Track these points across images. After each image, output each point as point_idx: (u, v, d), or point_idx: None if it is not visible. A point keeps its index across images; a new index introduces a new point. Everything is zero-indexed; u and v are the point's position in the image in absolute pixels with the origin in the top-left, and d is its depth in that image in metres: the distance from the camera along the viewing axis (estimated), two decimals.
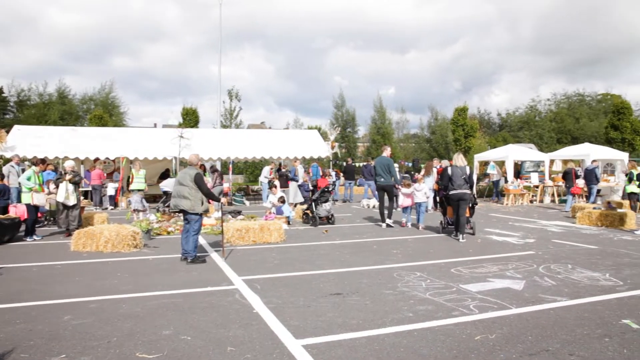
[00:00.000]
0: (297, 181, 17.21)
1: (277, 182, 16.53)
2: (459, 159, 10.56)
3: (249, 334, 4.49)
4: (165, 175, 20.21)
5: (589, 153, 20.49)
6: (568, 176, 17.80)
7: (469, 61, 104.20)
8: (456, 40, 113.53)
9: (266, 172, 19.29)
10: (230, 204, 18.71)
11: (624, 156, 21.34)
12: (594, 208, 13.30)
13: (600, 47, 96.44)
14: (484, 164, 23.67)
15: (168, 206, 11.63)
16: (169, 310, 5.24)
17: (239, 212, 13.70)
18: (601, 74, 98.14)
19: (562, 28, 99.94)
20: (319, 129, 38.23)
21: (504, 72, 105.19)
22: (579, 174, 18.22)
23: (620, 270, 7.21)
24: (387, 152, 12.83)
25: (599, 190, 17.88)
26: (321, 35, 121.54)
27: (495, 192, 21.11)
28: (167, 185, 15.66)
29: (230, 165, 21.99)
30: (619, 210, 12.55)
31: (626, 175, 14.86)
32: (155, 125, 58.06)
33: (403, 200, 12.61)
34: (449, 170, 10.53)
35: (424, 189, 12.44)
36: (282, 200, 13.30)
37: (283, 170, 19.40)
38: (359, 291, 6.03)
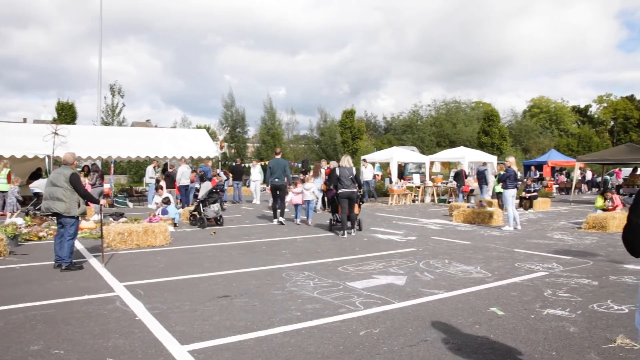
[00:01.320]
0: (209, 179, 16.70)
1: (163, 183, 15.89)
2: (346, 161, 11.31)
3: (131, 343, 4.24)
4: (36, 175, 18.51)
5: (464, 156, 22.20)
6: (459, 176, 19.31)
7: (357, 65, 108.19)
8: (345, 44, 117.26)
9: (151, 172, 18.46)
10: (111, 205, 17.63)
11: (494, 159, 23.40)
12: (468, 207, 14.42)
13: (475, 58, 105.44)
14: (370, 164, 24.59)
15: (39, 209, 10.64)
16: (39, 323, 4.79)
17: (122, 215, 12.95)
18: (475, 83, 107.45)
19: (442, 39, 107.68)
20: (208, 129, 37.37)
21: (390, 78, 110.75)
22: (467, 174, 19.84)
23: (489, 263, 7.88)
24: (279, 153, 13.75)
25: (472, 190, 19.44)
26: (211, 32, 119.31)
27: (366, 191, 21.58)
28: (38, 186, 14.40)
29: (112, 165, 20.73)
30: (489, 208, 13.72)
31: (495, 176, 16.32)
32: (25, 121, 52.97)
33: (293, 199, 13.15)
34: (338, 171, 11.15)
35: (312, 188, 13.19)
36: (166, 201, 12.77)
37: (170, 170, 18.68)
38: (248, 293, 5.96)
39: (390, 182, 22.09)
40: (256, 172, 20.31)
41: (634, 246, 2.53)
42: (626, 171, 28.35)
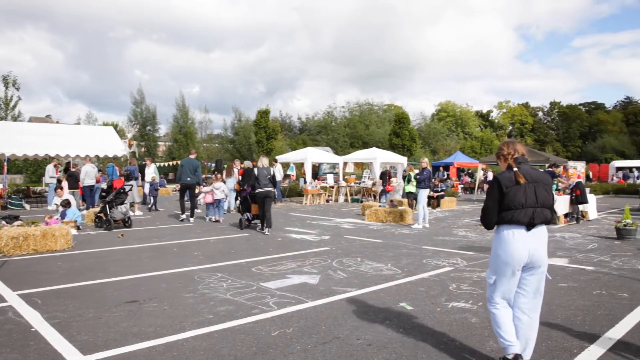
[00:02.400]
0: (136, 178, 16.01)
1: (65, 183, 14.93)
2: (264, 161, 11.74)
3: (25, 357, 3.91)
4: None
5: (376, 157, 22.88)
6: (384, 176, 20.06)
7: (273, 65, 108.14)
8: (261, 43, 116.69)
9: (51, 172, 17.25)
10: (4, 207, 16.27)
11: (404, 160, 24.33)
12: (380, 206, 14.86)
13: (389, 62, 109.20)
14: (285, 165, 24.70)
15: None
16: None
17: (16, 217, 11.94)
18: (388, 87, 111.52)
19: (357, 42, 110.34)
20: (116, 126, 35.65)
21: (306, 78, 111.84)
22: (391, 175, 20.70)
23: (399, 260, 8.16)
24: (194, 154, 14.16)
25: (385, 191, 20.10)
26: (120, 23, 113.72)
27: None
28: None
29: (5, 163, 19.10)
30: (399, 207, 14.23)
31: (404, 177, 16.96)
32: None
33: (206, 197, 13.67)
34: (256, 171, 11.46)
35: (221, 187, 13.66)
36: (65, 204, 11.91)
37: (73, 169, 17.56)
38: (157, 297, 5.73)
39: (305, 182, 22.27)
40: (150, 172, 19.27)
41: (485, 222, 3.75)
42: None
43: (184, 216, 13.58)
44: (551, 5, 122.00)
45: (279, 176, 20.66)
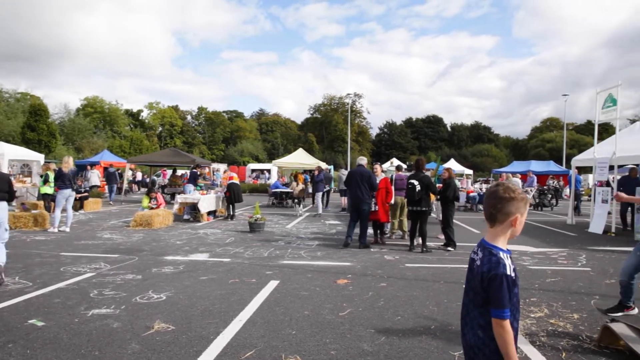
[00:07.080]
0: None
1: None
2: None
3: None
4: None
5: (4, 152, 19.70)
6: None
7: None
8: None
9: None
10: None
11: (41, 157, 21.72)
12: (9, 210, 12.81)
13: (28, 45, 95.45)
14: None
15: None
16: None
17: None
18: (27, 73, 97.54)
19: None
20: None
21: None
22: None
23: (31, 271, 7.20)
24: None
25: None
26: None
27: None
28: None
29: None
30: (33, 211, 12.59)
31: (41, 176, 15.14)
32: None
33: None
34: None
35: None
36: None
37: None
38: None
39: None
40: None
41: None
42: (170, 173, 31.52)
43: None
44: (207, 17, 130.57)
45: None
